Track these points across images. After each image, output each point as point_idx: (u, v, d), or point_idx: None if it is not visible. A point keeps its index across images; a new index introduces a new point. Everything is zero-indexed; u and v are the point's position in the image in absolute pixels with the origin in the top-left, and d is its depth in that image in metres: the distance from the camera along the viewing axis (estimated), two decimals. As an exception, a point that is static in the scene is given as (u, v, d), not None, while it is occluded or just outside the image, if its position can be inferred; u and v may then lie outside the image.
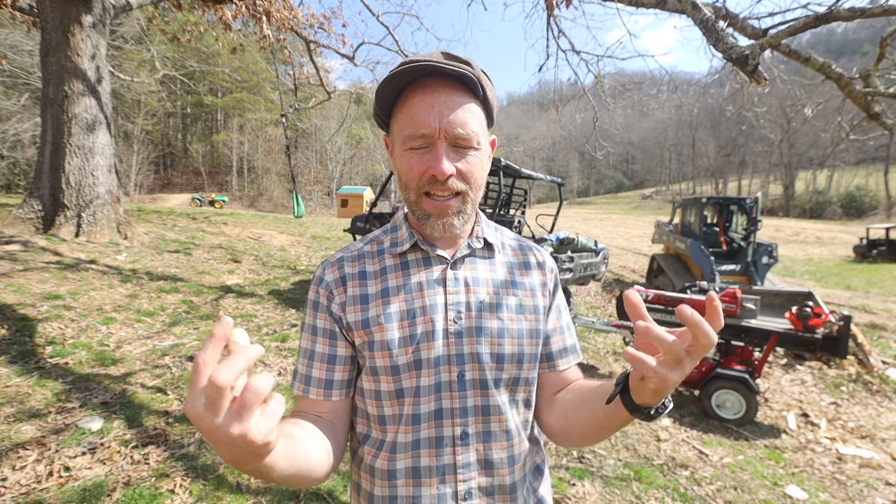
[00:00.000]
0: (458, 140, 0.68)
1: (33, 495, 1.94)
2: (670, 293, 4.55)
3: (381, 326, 0.73)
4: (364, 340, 0.74)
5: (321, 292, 0.76)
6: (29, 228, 5.66)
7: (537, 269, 0.86)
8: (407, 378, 0.73)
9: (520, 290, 0.81)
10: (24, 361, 3.02)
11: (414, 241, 0.78)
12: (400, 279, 0.77)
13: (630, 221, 35.18)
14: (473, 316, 0.75)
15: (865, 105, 3.33)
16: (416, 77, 0.68)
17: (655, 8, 3.52)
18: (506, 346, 0.76)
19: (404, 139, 0.69)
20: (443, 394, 0.73)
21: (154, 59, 17.56)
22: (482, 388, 0.74)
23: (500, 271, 0.82)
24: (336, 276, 0.77)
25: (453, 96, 0.68)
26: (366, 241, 0.83)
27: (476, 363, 0.74)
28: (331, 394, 0.75)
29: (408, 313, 0.74)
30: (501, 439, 0.75)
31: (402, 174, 0.72)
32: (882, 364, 4.91)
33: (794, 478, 2.99)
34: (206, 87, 41.83)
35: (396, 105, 0.72)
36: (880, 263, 16.17)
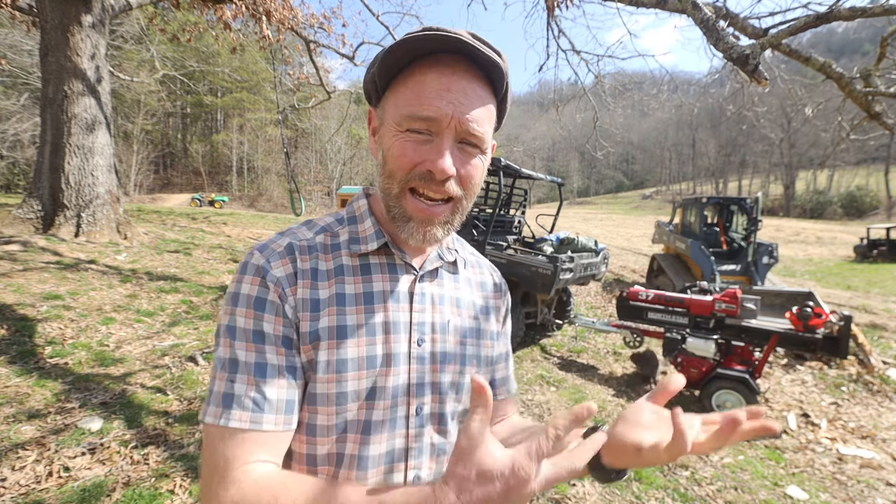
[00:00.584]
0: (469, 137, 0.58)
1: (33, 495, 1.94)
2: (670, 293, 4.55)
3: (333, 342, 0.59)
4: (309, 358, 0.59)
5: (271, 287, 0.58)
6: (28, 228, 5.65)
7: (494, 292, 0.79)
8: (353, 409, 0.59)
9: (479, 313, 0.74)
10: (24, 361, 3.01)
11: (383, 242, 0.65)
12: (360, 285, 0.63)
13: (630, 221, 35.18)
14: (438, 339, 0.66)
15: (866, 105, 3.32)
16: (436, 50, 0.56)
17: (656, 8, 3.52)
18: (465, 375, 0.68)
19: (403, 118, 0.57)
20: (397, 431, 0.62)
21: (154, 59, 17.56)
22: (440, 423, 0.66)
23: (463, 290, 0.73)
24: (289, 269, 0.60)
25: (475, 86, 0.58)
26: (315, 228, 0.67)
27: (437, 394, 0.65)
28: (291, 420, 0.57)
29: (366, 328, 0.61)
30: None
31: (390, 159, 0.59)
32: (882, 364, 4.91)
33: (794, 478, 2.99)
34: (205, 86, 41.84)
35: (401, 76, 0.59)
36: (881, 263, 16.17)
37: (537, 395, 3.93)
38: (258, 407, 0.54)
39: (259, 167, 42.57)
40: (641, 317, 4.57)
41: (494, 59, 0.56)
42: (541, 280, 4.61)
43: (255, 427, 0.53)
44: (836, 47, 64.45)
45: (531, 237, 6.54)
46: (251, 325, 0.57)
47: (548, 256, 4.70)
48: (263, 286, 0.58)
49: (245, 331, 0.56)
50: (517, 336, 4.95)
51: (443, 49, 0.56)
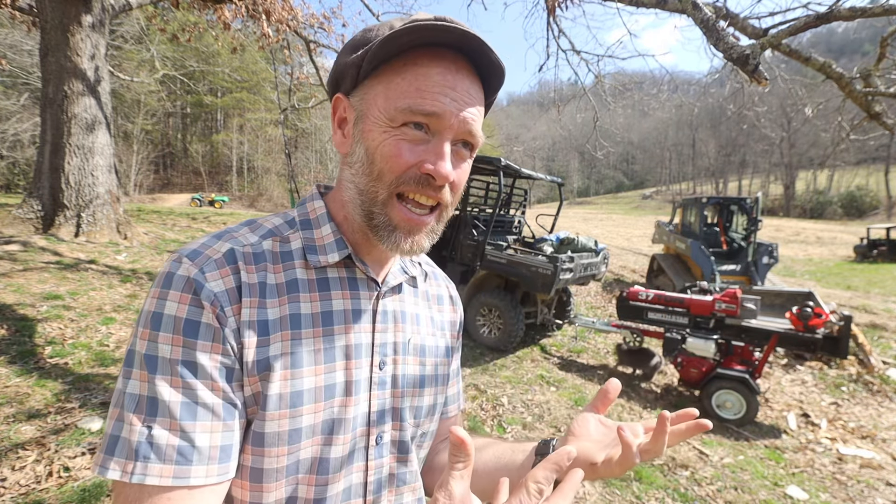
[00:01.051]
0: (468, 138, 0.54)
1: (33, 495, 1.94)
2: (670, 293, 4.55)
3: (287, 372, 0.50)
4: (255, 391, 0.50)
5: (206, 307, 0.47)
6: (28, 228, 5.65)
7: (450, 305, 0.74)
8: (308, 447, 0.51)
9: (437, 329, 0.69)
10: (24, 361, 3.01)
11: (346, 254, 0.57)
12: (317, 304, 0.55)
13: (630, 221, 35.18)
14: (399, 361, 0.60)
15: (866, 105, 3.32)
16: (437, 44, 0.51)
17: (656, 8, 3.52)
18: (426, 398, 0.64)
19: (399, 111, 0.50)
20: (355, 465, 0.56)
21: (154, 59, 17.57)
22: (401, 451, 0.60)
23: (422, 305, 0.68)
24: (230, 283, 0.49)
25: (476, 87, 0.54)
26: (260, 231, 0.56)
27: (398, 420, 0.60)
28: (228, 469, 0.48)
29: (325, 354, 0.53)
30: None
31: (379, 158, 0.52)
32: (882, 364, 4.91)
33: (794, 478, 2.99)
34: (205, 87, 41.83)
35: (393, 65, 0.52)
36: (881, 263, 16.18)
37: (537, 395, 3.93)
38: (184, 458, 0.44)
39: (259, 167, 42.57)
40: (641, 317, 4.57)
41: (500, 64, 0.53)
42: (541, 280, 4.62)
43: (181, 483, 0.43)
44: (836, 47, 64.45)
45: (531, 237, 6.54)
46: (179, 354, 0.46)
47: (548, 256, 4.70)
48: (196, 305, 0.47)
49: (170, 362, 0.45)
50: (517, 336, 4.96)
51: (447, 43, 0.51)
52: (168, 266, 0.49)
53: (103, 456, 0.43)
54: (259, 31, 6.95)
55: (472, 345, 5.07)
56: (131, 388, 0.45)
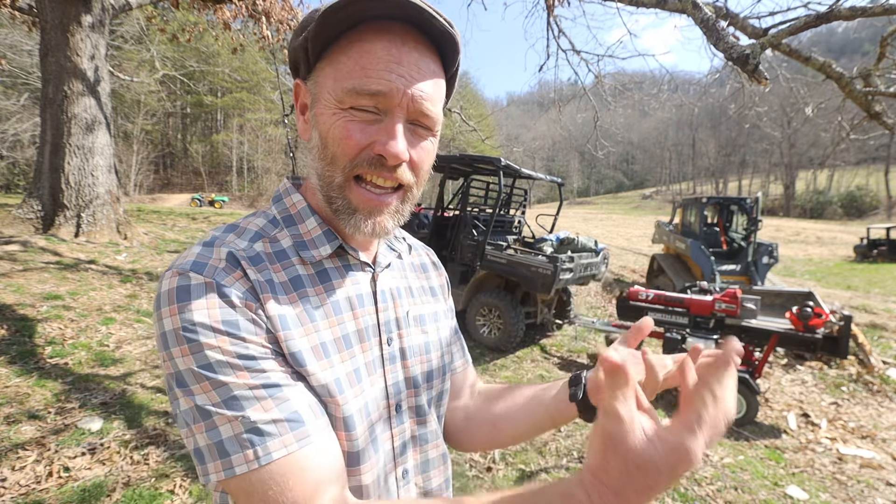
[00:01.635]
0: (421, 118, 0.52)
1: (33, 496, 1.94)
2: (670, 293, 4.55)
3: (325, 362, 0.51)
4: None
5: (238, 304, 0.47)
6: (28, 228, 5.65)
7: (435, 271, 0.77)
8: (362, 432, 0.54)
9: (429, 296, 0.72)
10: (24, 362, 3.01)
11: (338, 246, 0.58)
12: (323, 296, 0.55)
13: (630, 221, 35.17)
14: (403, 334, 0.63)
15: (866, 104, 3.32)
16: (381, 17, 0.49)
17: (656, 7, 3.52)
18: (433, 361, 0.66)
19: (345, 93, 0.49)
20: (383, 435, 0.59)
21: (154, 59, 17.57)
22: (419, 415, 0.64)
23: (411, 276, 0.71)
24: (246, 283, 0.49)
25: (427, 59, 0.51)
26: (247, 235, 0.55)
27: (412, 388, 0.63)
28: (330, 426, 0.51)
29: (344, 341, 0.55)
30: (439, 464, 0.66)
31: (331, 141, 0.51)
32: (882, 364, 4.91)
33: (794, 478, 2.99)
34: (205, 87, 41.83)
35: (340, 44, 0.50)
36: (881, 263, 16.17)
37: (537, 395, 3.93)
38: (295, 422, 0.45)
39: (259, 167, 42.56)
40: (641, 317, 4.57)
41: (449, 31, 0.50)
42: (541, 280, 4.61)
43: (305, 443, 0.45)
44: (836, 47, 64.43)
45: (531, 237, 6.54)
46: (232, 350, 0.45)
47: (548, 256, 4.70)
48: (228, 304, 0.47)
49: (228, 362, 0.45)
50: (517, 336, 4.96)
51: (391, 15, 0.48)
52: (175, 282, 0.47)
53: (219, 462, 0.44)
54: (259, 31, 6.95)
55: (472, 345, 5.07)
56: (201, 401, 0.45)
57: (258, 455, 0.43)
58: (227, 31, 7.30)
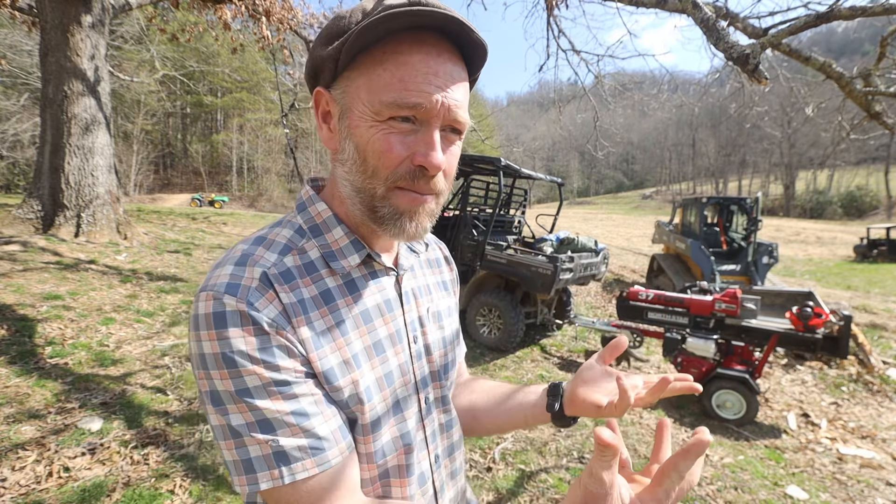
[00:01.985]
0: (454, 125, 0.53)
1: (33, 496, 1.94)
2: (670, 293, 4.55)
3: (354, 374, 0.54)
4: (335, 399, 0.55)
5: (271, 333, 0.49)
6: (28, 228, 5.65)
7: (447, 265, 0.80)
8: (387, 430, 0.58)
9: (443, 291, 0.75)
10: (24, 362, 3.01)
11: (366, 255, 0.59)
12: (353, 306, 0.57)
13: (630, 221, 35.17)
14: (426, 332, 0.66)
15: (866, 104, 3.32)
16: (416, 27, 0.49)
17: (656, 7, 3.52)
18: (449, 354, 0.71)
19: (383, 105, 0.49)
20: (416, 426, 0.63)
21: (154, 59, 17.57)
22: (444, 404, 0.69)
23: (428, 273, 0.74)
24: (278, 306, 0.50)
25: (458, 69, 0.52)
26: (277, 248, 0.56)
27: (437, 381, 0.67)
28: (351, 442, 0.55)
29: (376, 347, 0.58)
30: (460, 445, 0.73)
31: (371, 155, 0.51)
32: (882, 364, 4.91)
33: (794, 478, 2.99)
34: (205, 87, 41.82)
35: (374, 54, 0.50)
36: (881, 263, 16.17)
37: (537, 395, 3.93)
38: (317, 449, 0.49)
39: (259, 167, 42.56)
40: (641, 317, 4.57)
41: (483, 42, 0.52)
42: (541, 280, 4.61)
43: (325, 467, 0.50)
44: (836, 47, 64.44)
45: (531, 237, 6.54)
46: (269, 377, 0.48)
47: (548, 256, 4.70)
48: (262, 333, 0.48)
49: (264, 387, 0.48)
50: (517, 336, 4.96)
51: (425, 25, 0.49)
52: (210, 307, 0.48)
53: (246, 477, 0.48)
54: (259, 31, 6.95)
55: (472, 345, 5.07)
56: (236, 421, 0.48)
57: (283, 475, 0.48)
58: (226, 31, 7.29)
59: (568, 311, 6.01)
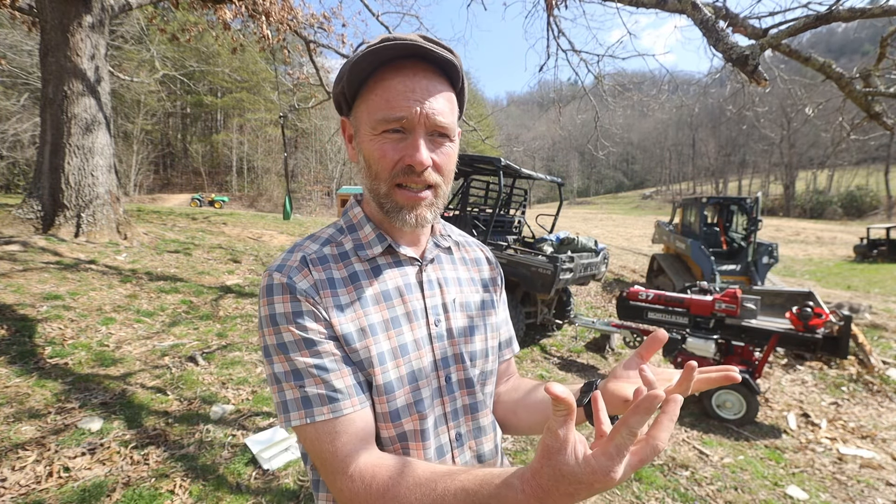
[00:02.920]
0: (438, 129, 0.64)
1: (33, 496, 1.94)
2: (670, 293, 4.54)
3: (367, 340, 0.66)
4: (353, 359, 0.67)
5: (302, 300, 0.64)
6: (28, 229, 5.65)
7: (487, 265, 0.89)
8: (402, 395, 0.68)
9: (479, 287, 0.84)
10: (24, 362, 3.01)
11: (387, 245, 0.72)
12: (376, 286, 0.70)
13: (630, 221, 35.16)
14: (450, 318, 0.75)
15: (866, 105, 3.32)
16: (395, 58, 0.63)
17: (655, 8, 3.52)
18: (477, 343, 0.78)
19: (377, 122, 0.63)
20: (436, 400, 0.72)
21: (154, 59, 17.55)
22: (468, 386, 0.76)
23: (461, 269, 0.83)
24: (311, 280, 0.66)
25: (435, 83, 0.64)
26: (320, 241, 0.73)
27: (460, 364, 0.75)
28: (364, 399, 0.65)
29: (392, 322, 0.69)
30: (489, 431, 0.79)
31: (373, 162, 0.66)
32: (882, 364, 4.91)
33: (794, 478, 2.99)
34: (205, 87, 41.81)
35: (368, 85, 0.65)
36: (881, 263, 16.15)
37: (537, 395, 3.92)
38: (334, 399, 0.62)
39: (259, 167, 42.54)
40: (641, 317, 4.57)
41: (448, 58, 0.63)
42: (541, 280, 4.61)
43: (338, 414, 0.61)
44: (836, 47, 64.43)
45: (531, 237, 6.54)
46: (299, 335, 0.63)
47: (548, 256, 4.70)
48: (295, 300, 0.64)
49: (296, 343, 0.63)
50: (517, 336, 4.95)
51: (402, 55, 0.62)
52: (266, 281, 0.66)
53: (283, 416, 0.63)
54: (259, 31, 6.95)
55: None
56: (278, 369, 0.63)
57: (306, 416, 0.61)
58: (227, 31, 7.29)
59: (568, 311, 6.00)
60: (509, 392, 0.86)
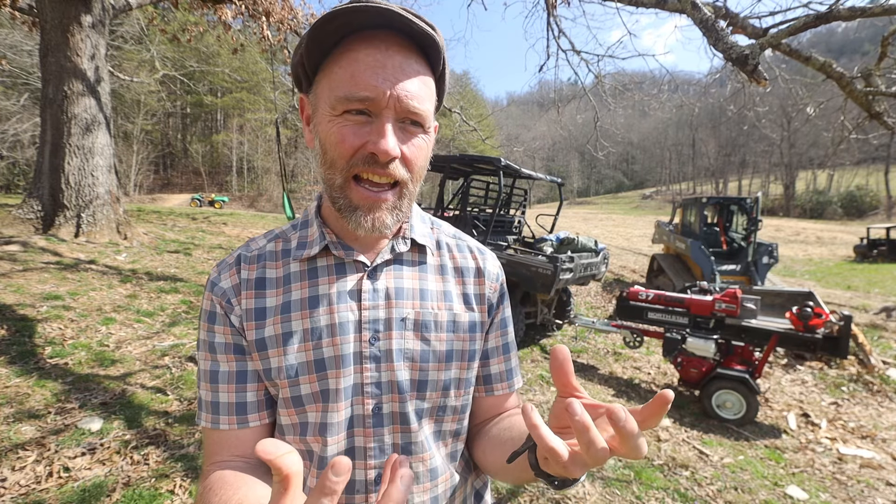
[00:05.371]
0: (410, 116, 0.54)
1: (33, 496, 1.94)
2: (670, 293, 4.54)
3: (279, 349, 0.59)
4: (263, 367, 0.60)
5: (216, 300, 0.61)
6: (28, 229, 5.65)
7: (475, 277, 0.70)
8: (312, 411, 0.59)
9: (454, 303, 0.66)
10: (24, 362, 3.01)
11: (325, 245, 0.62)
12: (306, 290, 0.61)
13: (630, 221, 35.16)
14: (393, 336, 0.61)
15: (867, 105, 3.32)
16: (366, 25, 0.52)
17: (655, 7, 3.52)
18: (430, 372, 0.63)
19: (337, 100, 0.52)
20: (355, 430, 0.60)
21: (154, 59, 17.56)
22: (402, 422, 0.61)
23: (430, 279, 0.66)
24: (235, 280, 0.61)
25: (411, 61, 0.54)
26: (270, 236, 0.67)
27: (396, 393, 0.61)
28: (246, 419, 0.60)
29: (312, 333, 0.59)
30: (425, 480, 0.63)
31: (329, 147, 0.55)
32: (882, 364, 4.91)
33: (794, 478, 2.99)
34: (205, 87, 41.81)
35: (331, 56, 0.54)
36: (881, 263, 16.15)
37: (538, 395, 3.93)
38: (215, 410, 0.61)
39: (259, 167, 42.54)
40: (641, 317, 4.56)
41: (429, 32, 0.52)
42: (541, 280, 4.61)
43: (214, 427, 0.61)
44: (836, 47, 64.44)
45: (531, 237, 6.54)
46: (206, 336, 0.62)
47: (548, 256, 4.70)
48: (210, 300, 0.62)
49: (204, 342, 0.62)
50: (517, 336, 4.96)
51: (374, 24, 0.52)
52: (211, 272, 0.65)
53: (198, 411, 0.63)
54: (259, 32, 6.95)
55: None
56: (201, 365, 0.63)
57: (201, 419, 0.62)
58: (227, 31, 7.29)
59: (568, 311, 6.00)
60: (491, 430, 0.68)
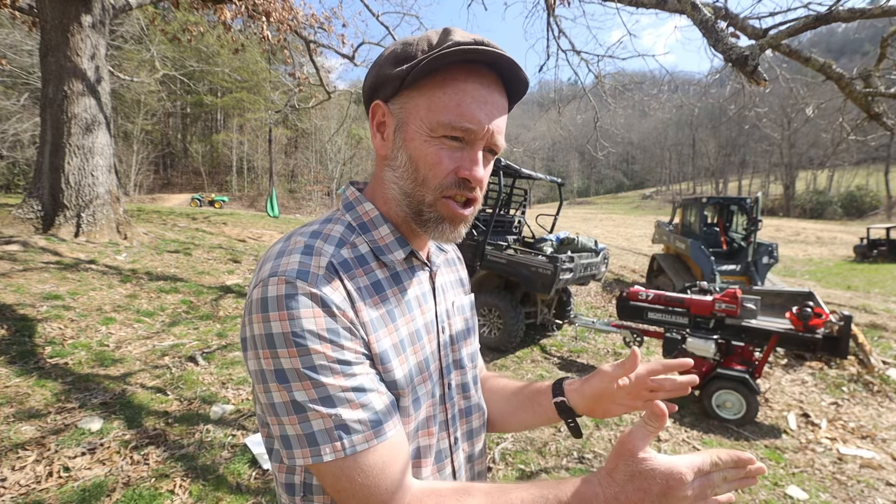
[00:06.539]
0: (494, 147, 0.61)
1: (33, 495, 1.94)
2: (670, 293, 4.54)
3: (401, 358, 0.61)
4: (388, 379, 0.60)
5: (339, 314, 0.54)
6: (28, 228, 5.65)
7: (460, 264, 0.87)
8: (423, 411, 0.65)
9: (464, 287, 0.84)
10: (24, 361, 3.01)
11: (409, 251, 0.66)
12: (398, 296, 0.64)
13: (630, 221, 35.16)
14: (452, 323, 0.74)
15: (866, 105, 3.32)
16: (472, 60, 0.57)
17: (655, 8, 3.52)
18: (473, 344, 0.78)
19: (440, 124, 0.56)
20: (439, 408, 0.69)
21: (154, 59, 17.55)
22: (464, 391, 0.75)
23: (449, 272, 0.80)
24: (343, 292, 0.56)
25: (503, 100, 0.61)
26: (333, 241, 0.60)
27: (459, 369, 0.73)
28: (399, 420, 0.60)
29: (416, 336, 0.65)
30: (481, 432, 0.78)
31: (423, 165, 0.59)
32: (883, 364, 4.91)
33: (794, 478, 2.99)
34: (206, 87, 41.78)
35: (433, 78, 0.57)
36: (881, 263, 16.15)
37: (537, 396, 3.93)
38: (375, 422, 0.54)
39: (259, 167, 42.53)
40: (641, 317, 4.56)
41: (526, 82, 0.61)
42: (541, 280, 4.61)
43: (382, 439, 0.54)
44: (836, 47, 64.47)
45: (531, 237, 6.54)
46: (333, 355, 0.53)
47: (548, 256, 4.70)
48: (330, 315, 0.53)
49: (328, 366, 0.52)
50: (517, 336, 4.95)
51: (483, 61, 0.57)
52: (283, 290, 0.53)
53: (309, 450, 0.52)
54: (259, 32, 6.95)
55: (472, 345, 5.07)
56: (300, 397, 0.52)
57: (345, 447, 0.52)
58: (227, 31, 7.30)
59: (568, 311, 6.00)
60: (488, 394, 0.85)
